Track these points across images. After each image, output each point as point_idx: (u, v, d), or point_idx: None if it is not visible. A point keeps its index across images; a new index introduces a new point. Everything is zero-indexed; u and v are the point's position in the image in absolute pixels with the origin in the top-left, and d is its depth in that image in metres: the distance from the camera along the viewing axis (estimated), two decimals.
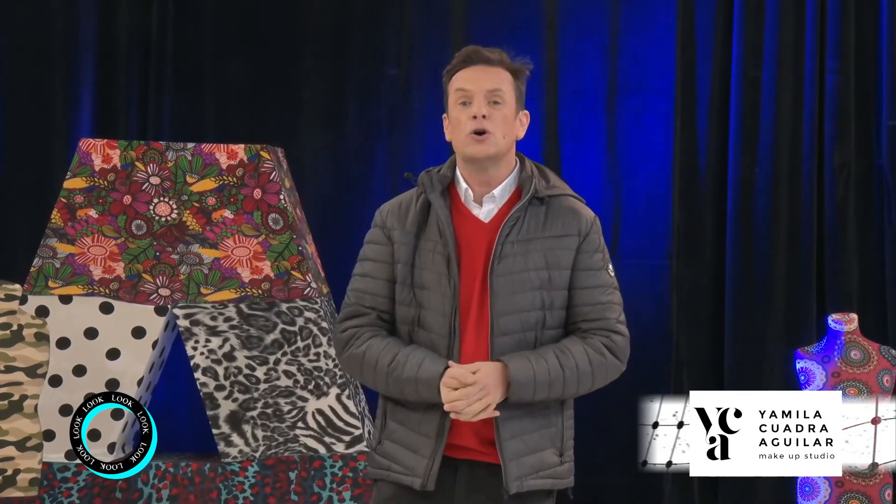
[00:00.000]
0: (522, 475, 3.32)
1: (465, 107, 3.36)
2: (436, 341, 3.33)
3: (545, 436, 3.39)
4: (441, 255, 3.34)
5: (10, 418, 5.19)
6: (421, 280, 3.35)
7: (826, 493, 5.72)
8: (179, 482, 5.49)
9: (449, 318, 3.31)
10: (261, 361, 5.51)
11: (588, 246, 3.41)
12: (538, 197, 3.39)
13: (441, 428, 3.31)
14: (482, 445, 3.33)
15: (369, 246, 3.45)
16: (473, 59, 3.38)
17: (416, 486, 3.30)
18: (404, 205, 3.44)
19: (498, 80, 3.37)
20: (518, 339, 3.32)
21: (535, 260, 3.34)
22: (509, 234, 3.33)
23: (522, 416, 3.33)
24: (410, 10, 6.75)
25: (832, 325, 5.84)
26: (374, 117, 6.74)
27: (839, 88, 6.52)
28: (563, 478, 3.45)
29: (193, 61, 6.76)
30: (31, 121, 6.63)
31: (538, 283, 3.33)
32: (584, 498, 6.55)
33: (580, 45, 6.70)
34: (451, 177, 3.42)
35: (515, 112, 3.40)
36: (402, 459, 3.35)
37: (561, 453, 3.44)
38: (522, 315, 3.32)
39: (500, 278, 3.31)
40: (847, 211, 6.55)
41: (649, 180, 6.67)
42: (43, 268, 5.51)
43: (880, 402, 5.74)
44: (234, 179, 5.55)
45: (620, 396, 6.59)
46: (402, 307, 3.38)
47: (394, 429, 3.39)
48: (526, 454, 3.34)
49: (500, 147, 3.35)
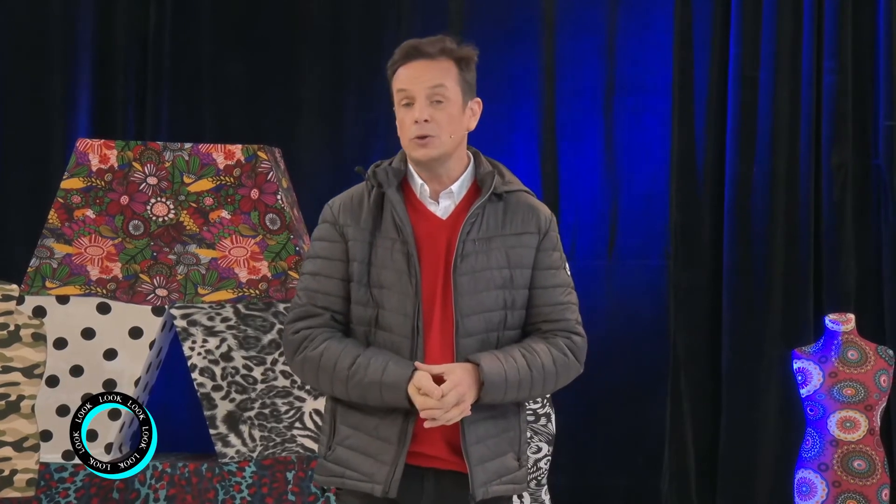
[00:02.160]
0: (487, 481, 3.24)
1: (407, 108, 3.23)
2: (397, 342, 3.21)
3: (505, 440, 3.29)
4: (401, 253, 3.22)
5: (7, 419, 5.19)
6: (379, 279, 3.22)
7: (823, 493, 5.72)
8: (177, 482, 5.49)
9: (411, 318, 3.20)
10: (258, 362, 5.51)
11: (547, 244, 3.31)
12: (496, 193, 3.28)
13: (404, 433, 3.20)
14: (450, 454, 3.23)
15: (320, 243, 3.30)
16: (412, 55, 3.24)
17: (377, 493, 3.18)
18: (356, 199, 3.30)
19: (440, 77, 3.22)
20: (482, 339, 3.23)
21: (497, 258, 3.25)
22: (470, 232, 3.23)
23: (486, 420, 3.24)
24: (408, 9, 6.76)
25: (829, 325, 5.84)
26: (371, 117, 6.75)
27: (836, 89, 6.53)
28: (521, 483, 3.33)
29: (191, 61, 6.77)
30: (28, 121, 6.64)
31: (500, 281, 3.24)
32: (583, 498, 6.58)
33: (578, 46, 6.70)
34: (404, 171, 3.30)
35: (462, 106, 3.27)
36: (359, 466, 3.22)
37: (518, 458, 3.33)
38: (486, 315, 3.23)
39: (463, 277, 3.21)
40: (844, 211, 6.55)
41: (647, 180, 6.67)
42: (40, 268, 5.51)
43: (877, 403, 5.74)
44: (231, 179, 5.55)
45: (618, 397, 6.63)
46: (358, 307, 3.25)
47: (347, 434, 3.26)
48: (489, 459, 3.24)
49: (445, 148, 3.24)
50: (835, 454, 5.70)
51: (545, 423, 5.52)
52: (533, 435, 5.49)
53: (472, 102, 3.32)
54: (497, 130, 6.66)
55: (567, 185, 6.68)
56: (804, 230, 6.55)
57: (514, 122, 6.72)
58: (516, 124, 6.72)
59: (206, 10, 6.77)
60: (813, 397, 5.76)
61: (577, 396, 6.05)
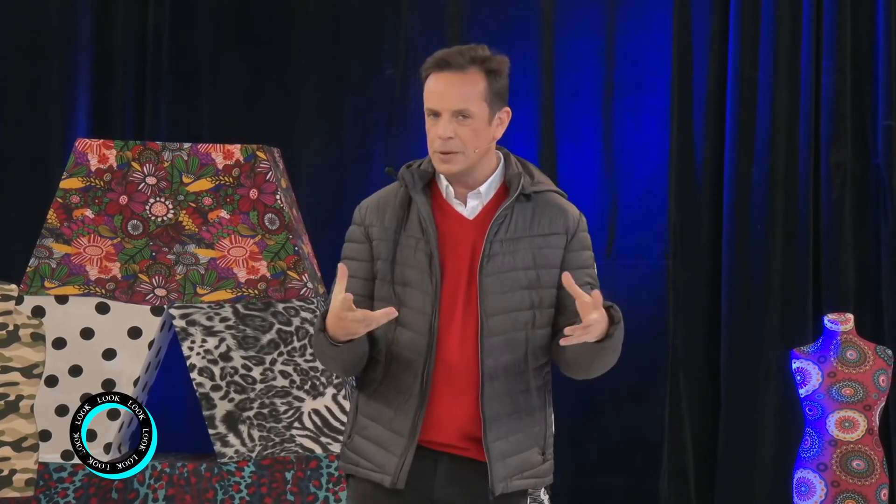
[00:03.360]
0: (508, 476, 3.27)
1: (434, 119, 3.25)
2: (415, 340, 3.25)
3: (529, 435, 3.31)
4: (423, 252, 3.26)
5: (6, 419, 5.19)
6: (402, 277, 3.27)
7: (822, 493, 5.72)
8: (176, 482, 5.48)
9: (429, 317, 3.24)
10: (257, 362, 5.51)
11: (576, 244, 3.32)
12: (524, 193, 3.30)
13: (414, 426, 3.25)
14: (464, 441, 3.27)
15: (349, 244, 3.38)
16: (442, 66, 3.24)
17: (386, 484, 3.25)
18: (383, 200, 3.36)
19: (467, 93, 3.23)
20: (508, 338, 3.25)
21: (524, 258, 3.26)
22: (498, 232, 3.25)
23: (509, 417, 3.27)
24: (407, 9, 6.75)
25: (828, 324, 5.85)
26: (370, 117, 6.74)
27: (835, 88, 6.53)
28: (545, 476, 3.36)
29: (190, 61, 6.76)
30: (27, 120, 6.63)
31: (526, 282, 3.26)
32: (581, 498, 6.58)
33: (577, 45, 6.70)
34: (431, 172, 3.33)
35: (489, 118, 3.28)
36: (372, 456, 3.29)
37: (543, 451, 3.35)
38: (512, 314, 3.25)
39: (488, 278, 3.24)
40: (843, 211, 6.55)
41: (646, 180, 6.67)
42: (39, 268, 5.51)
43: (876, 402, 5.74)
44: (230, 179, 5.55)
45: (617, 396, 6.62)
46: (381, 304, 3.27)
47: (365, 424, 3.32)
48: (511, 455, 3.28)
49: (469, 161, 3.26)
50: (834, 454, 5.70)
51: None
52: None
53: (500, 112, 3.33)
54: None
55: (566, 184, 6.66)
56: (803, 230, 6.55)
57: (513, 121, 6.65)
58: (515, 124, 6.66)
59: (206, 9, 6.76)
60: (812, 397, 5.77)
61: (576, 396, 6.05)
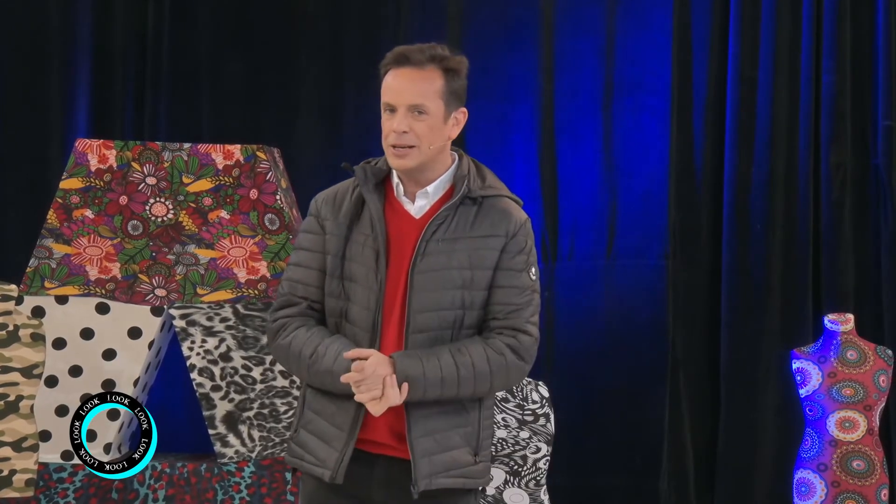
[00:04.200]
0: (433, 473, 3.28)
1: (390, 115, 3.30)
2: (359, 335, 3.30)
3: (459, 434, 3.33)
4: (371, 249, 3.30)
5: (6, 419, 5.19)
6: (350, 272, 3.32)
7: (822, 494, 5.72)
8: (176, 483, 5.49)
9: (373, 313, 3.28)
10: (257, 362, 5.51)
11: (513, 247, 3.33)
12: (471, 197, 3.32)
13: (355, 421, 3.28)
14: (396, 441, 3.30)
15: (303, 235, 3.41)
16: (401, 61, 3.29)
17: (326, 479, 3.28)
18: (339, 195, 3.40)
19: (424, 89, 3.27)
20: (434, 336, 3.28)
21: (459, 259, 3.29)
22: (435, 232, 3.29)
23: (437, 414, 3.29)
24: (407, 9, 6.75)
25: (828, 325, 5.85)
26: (370, 118, 6.73)
27: (835, 88, 6.53)
28: (478, 477, 3.37)
29: (190, 61, 6.76)
30: (26, 121, 6.63)
31: (460, 282, 3.29)
32: (581, 498, 6.58)
33: (577, 46, 6.70)
34: (387, 170, 3.37)
35: (444, 117, 3.30)
36: (315, 450, 3.33)
37: (476, 453, 3.36)
38: (440, 313, 3.28)
39: (420, 275, 3.27)
40: (843, 211, 6.55)
41: (645, 180, 6.67)
42: (39, 268, 5.51)
43: (876, 403, 5.74)
44: (230, 180, 5.55)
45: (617, 396, 6.63)
46: (330, 299, 3.34)
47: (310, 418, 3.36)
48: (437, 452, 3.29)
49: (423, 158, 3.30)
50: (834, 454, 5.70)
51: (544, 423, 5.52)
52: (532, 435, 5.49)
53: (457, 112, 3.35)
54: (495, 130, 6.66)
55: (566, 184, 6.68)
56: (803, 230, 6.55)
57: (513, 122, 6.72)
58: (515, 124, 6.72)
59: (205, 10, 6.76)
60: (812, 397, 5.77)
61: (575, 396, 6.05)
